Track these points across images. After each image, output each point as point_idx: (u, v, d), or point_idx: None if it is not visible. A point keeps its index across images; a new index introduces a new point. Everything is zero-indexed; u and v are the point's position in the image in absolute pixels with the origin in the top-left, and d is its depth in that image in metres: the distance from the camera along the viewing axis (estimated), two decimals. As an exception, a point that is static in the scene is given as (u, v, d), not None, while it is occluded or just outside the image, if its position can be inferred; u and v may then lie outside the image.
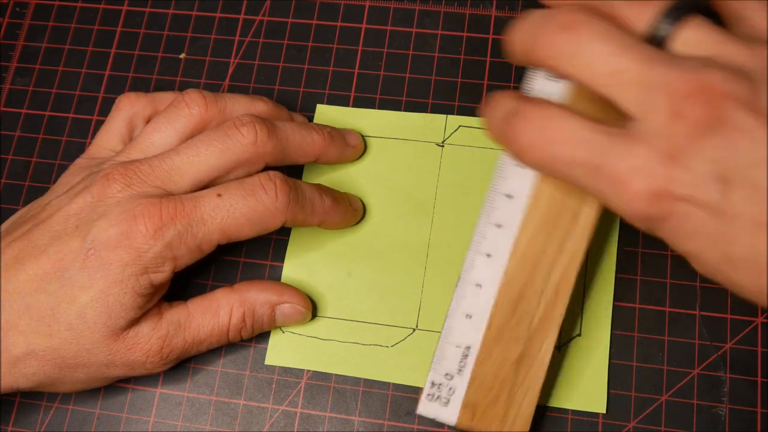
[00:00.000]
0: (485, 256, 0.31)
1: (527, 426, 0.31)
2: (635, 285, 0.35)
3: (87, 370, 0.32)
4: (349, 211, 0.36)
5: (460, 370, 0.31)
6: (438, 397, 0.31)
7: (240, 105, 0.35)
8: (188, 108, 0.34)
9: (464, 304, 0.31)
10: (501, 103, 0.27)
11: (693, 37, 0.24)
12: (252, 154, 0.33)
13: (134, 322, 0.31)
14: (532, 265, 0.30)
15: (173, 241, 0.31)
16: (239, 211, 0.31)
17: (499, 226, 0.30)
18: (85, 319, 0.31)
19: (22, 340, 0.31)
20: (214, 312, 0.33)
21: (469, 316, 0.31)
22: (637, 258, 0.35)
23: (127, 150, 0.34)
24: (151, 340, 0.32)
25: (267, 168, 0.34)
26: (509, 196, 0.30)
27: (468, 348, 0.31)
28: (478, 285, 0.31)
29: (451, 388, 0.31)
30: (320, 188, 0.34)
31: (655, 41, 0.24)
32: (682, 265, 0.35)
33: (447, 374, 0.31)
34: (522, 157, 0.26)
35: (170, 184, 0.32)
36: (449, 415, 0.31)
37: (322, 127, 0.36)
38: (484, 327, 0.31)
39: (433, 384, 0.31)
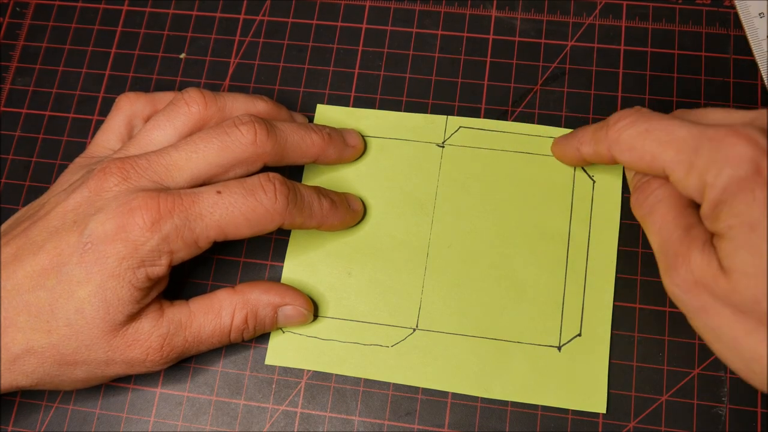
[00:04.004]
0: None
1: None
2: (635, 285, 0.35)
3: (86, 367, 0.32)
4: (348, 213, 0.36)
5: None
6: None
7: (239, 104, 0.35)
8: (187, 106, 0.34)
9: None
10: None
11: None
12: (251, 154, 0.33)
13: (134, 317, 0.31)
14: None
15: (170, 234, 0.31)
16: (238, 210, 0.31)
17: None
18: (84, 315, 0.31)
19: (21, 336, 0.31)
20: (216, 313, 0.33)
21: None
22: (637, 258, 0.35)
23: (125, 147, 0.34)
24: (152, 337, 0.32)
25: (266, 168, 0.34)
26: None
27: None
28: None
29: None
30: (319, 191, 0.34)
31: None
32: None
33: None
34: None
35: (167, 179, 0.32)
36: None
37: (322, 128, 0.36)
38: None
39: None
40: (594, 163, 0.35)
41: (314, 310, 0.35)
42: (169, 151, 0.32)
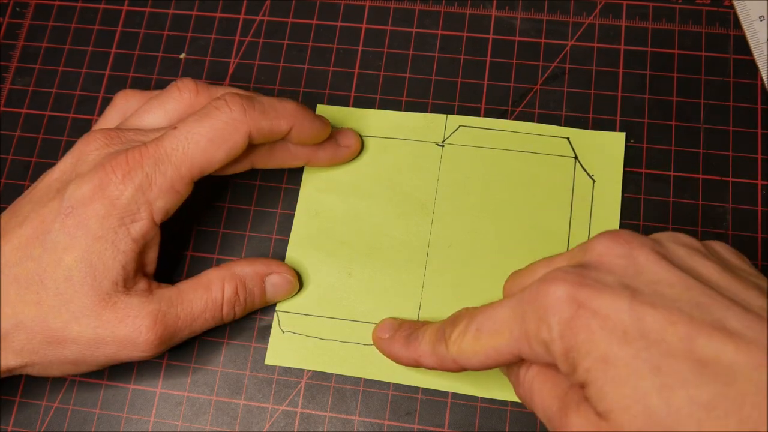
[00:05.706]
0: None
1: None
2: (635, 285, 0.35)
3: (75, 347, 0.31)
4: (317, 118, 0.35)
5: None
6: None
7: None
8: (179, 91, 0.34)
9: None
10: None
11: None
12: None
13: (122, 290, 0.31)
14: None
15: (143, 183, 0.31)
16: (199, 134, 0.31)
17: None
18: (72, 282, 0.31)
19: (10, 310, 0.31)
20: (206, 287, 0.33)
21: None
22: (637, 258, 0.35)
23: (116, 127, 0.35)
24: (142, 312, 0.31)
25: (256, 170, 0.34)
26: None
27: None
28: None
29: None
30: (281, 98, 0.34)
31: None
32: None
33: None
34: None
35: None
36: None
37: None
38: None
39: None
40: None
41: (313, 307, 0.35)
42: (160, 129, 0.33)
